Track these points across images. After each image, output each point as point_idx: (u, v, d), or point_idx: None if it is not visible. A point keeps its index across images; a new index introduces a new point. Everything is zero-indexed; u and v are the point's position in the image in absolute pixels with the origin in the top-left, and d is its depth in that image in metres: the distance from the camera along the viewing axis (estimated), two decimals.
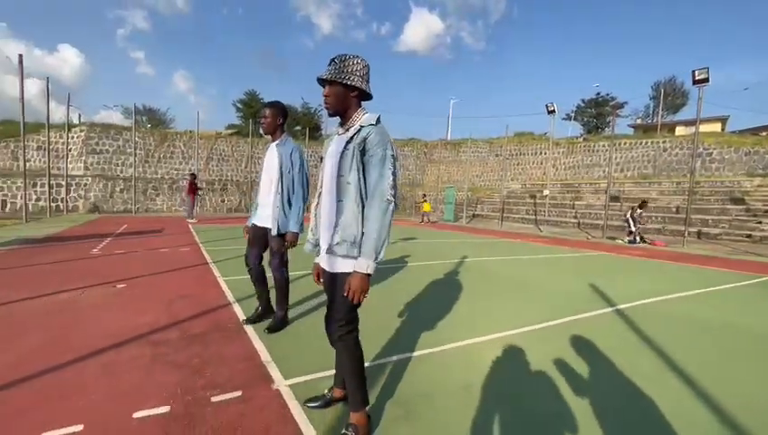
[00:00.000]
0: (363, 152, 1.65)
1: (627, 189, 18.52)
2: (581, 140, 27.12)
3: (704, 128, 20.66)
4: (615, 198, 16.94)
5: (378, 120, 1.71)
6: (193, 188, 14.20)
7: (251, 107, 32.49)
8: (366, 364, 2.52)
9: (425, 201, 19.36)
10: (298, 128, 33.22)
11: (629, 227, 11.74)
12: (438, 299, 4.36)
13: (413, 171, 30.67)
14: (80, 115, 24.27)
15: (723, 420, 2.08)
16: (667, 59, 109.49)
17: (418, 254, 8.05)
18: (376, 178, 1.64)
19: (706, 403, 2.24)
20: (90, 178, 18.56)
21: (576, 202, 18.73)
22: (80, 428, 1.82)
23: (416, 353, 2.80)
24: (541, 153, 26.38)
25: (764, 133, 25.13)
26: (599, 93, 34.60)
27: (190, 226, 12.46)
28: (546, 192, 16.86)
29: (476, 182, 28.02)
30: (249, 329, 3.16)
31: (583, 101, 35.37)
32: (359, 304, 1.69)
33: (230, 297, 4.11)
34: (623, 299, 4.61)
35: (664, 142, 21.77)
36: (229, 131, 32.46)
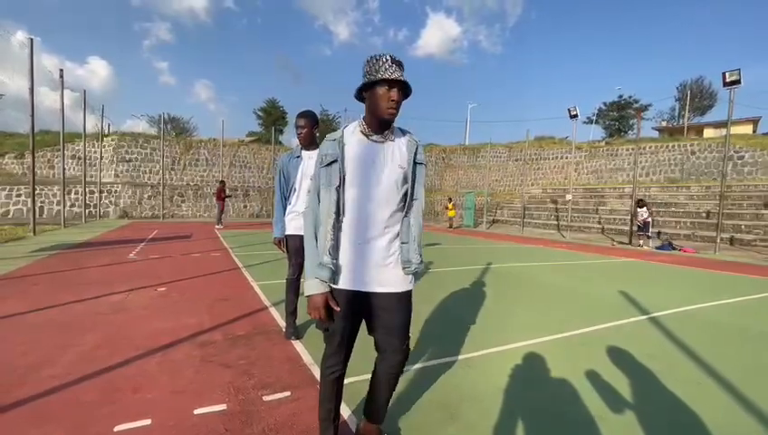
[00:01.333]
0: (415, 164, 1.63)
1: (653, 194, 18.07)
2: (603, 143, 26.61)
3: (734, 130, 19.97)
4: (642, 203, 16.53)
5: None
6: (222, 195, 14.54)
7: (271, 114, 33.25)
8: (410, 368, 2.61)
9: (452, 207, 19.42)
10: (317, 134, 33.73)
11: (645, 232, 11.84)
12: (471, 305, 4.40)
13: (432, 176, 30.66)
14: (109, 125, 25.34)
15: (758, 417, 2.06)
16: (690, 61, 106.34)
17: (446, 259, 8.08)
18: (420, 191, 1.66)
19: (750, 412, 2.23)
20: (120, 186, 19.32)
21: (600, 207, 18.37)
22: (148, 422, 1.95)
23: (456, 358, 2.86)
24: (562, 157, 25.99)
25: None
26: (621, 96, 33.93)
27: (217, 231, 12.82)
28: (569, 197, 16.60)
29: (496, 187, 27.80)
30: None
31: (605, 104, 34.74)
32: None
33: (266, 301, 4.26)
34: (657, 307, 4.54)
35: (692, 145, 21.15)
36: (250, 138, 33.23)
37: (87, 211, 16.51)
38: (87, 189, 16.69)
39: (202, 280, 5.30)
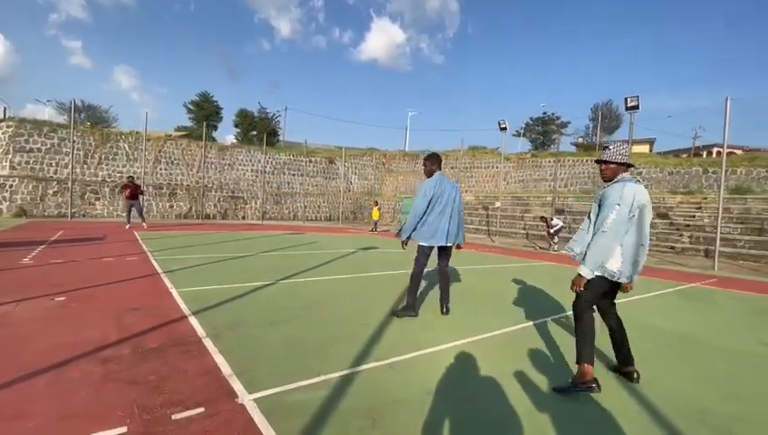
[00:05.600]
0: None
1: (569, 203, 19.93)
2: (530, 155, 28.81)
3: (635, 149, 22.75)
4: (560, 211, 18.19)
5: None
6: (133, 193, 13.06)
7: (203, 109, 31.23)
8: (333, 376, 2.58)
9: (376, 208, 19.57)
10: (254, 133, 32.39)
11: (555, 236, 13.21)
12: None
13: (372, 181, 30.92)
14: (5, 109, 22.00)
15: (651, 412, 2.35)
16: (605, 84, 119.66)
17: (378, 264, 8.15)
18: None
19: (628, 391, 2.52)
20: (17, 179, 16.87)
21: (525, 214, 19.82)
22: None
23: (381, 363, 2.88)
24: (493, 167, 27.67)
25: (684, 155, 28.17)
26: (545, 112, 37.03)
27: (136, 233, 11.71)
28: (498, 204, 17.72)
29: None
30: (209, 343, 3.08)
31: (531, 118, 37.64)
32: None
33: (185, 310, 3.96)
34: (568, 307, 4.99)
35: None
36: (179, 133, 30.93)
37: None
38: None
39: (112, 288, 4.79)
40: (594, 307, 2.78)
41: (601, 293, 2.77)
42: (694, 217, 15.11)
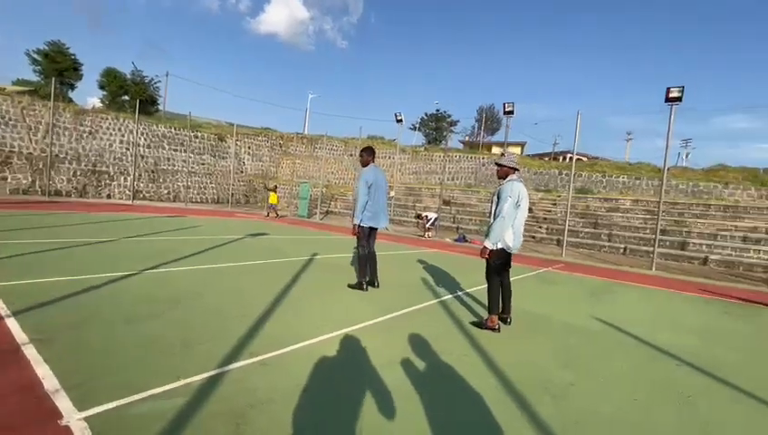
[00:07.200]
0: None
1: (456, 195, 21.74)
2: (423, 149, 30.53)
3: (511, 150, 25.74)
4: (447, 202, 19.71)
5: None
6: None
7: (56, 61, 25.54)
8: (196, 379, 2.28)
9: (273, 192, 18.72)
10: (126, 98, 27.79)
11: (432, 226, 14.69)
12: (279, 300, 4.26)
13: (267, 163, 29.27)
14: None
15: (506, 386, 2.63)
16: (491, 87, 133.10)
17: (266, 251, 7.72)
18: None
19: (489, 366, 2.81)
20: None
21: (417, 204, 20.99)
22: None
23: (253, 360, 2.67)
24: (389, 157, 28.59)
25: (546, 159, 33.02)
26: (438, 109, 39.56)
27: None
28: (392, 193, 18.38)
29: (332, 179, 28.53)
30: (30, 351, 2.47)
31: (426, 114, 39.85)
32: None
33: (2, 309, 3.14)
34: (449, 290, 5.38)
35: (483, 158, 26.38)
36: (19, 88, 24.88)
37: None
38: None
39: None
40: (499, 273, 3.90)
41: (501, 261, 3.88)
42: (550, 211, 17.82)
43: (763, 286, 8.78)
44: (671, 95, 10.46)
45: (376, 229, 5.05)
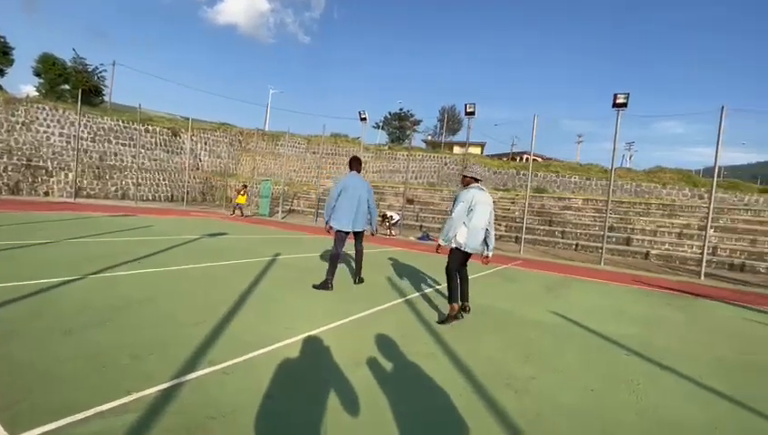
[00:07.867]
0: None
1: (419, 194, 22.01)
2: (387, 148, 30.64)
3: (471, 150, 26.44)
4: (410, 201, 19.90)
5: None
6: None
7: None
8: (149, 392, 2.12)
9: (243, 193, 18.13)
10: (66, 87, 25.68)
11: (394, 225, 15.18)
12: (240, 304, 4.09)
13: (226, 160, 28.17)
14: None
15: (471, 381, 2.67)
16: (454, 88, 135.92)
17: (226, 252, 7.41)
18: None
19: (455, 364, 2.84)
20: None
21: (380, 202, 21.03)
22: None
23: (214, 368, 2.52)
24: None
25: (505, 159, 34.25)
26: (401, 109, 39.88)
27: None
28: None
29: (294, 177, 27.95)
30: None
31: (390, 113, 40.04)
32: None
33: None
34: (415, 288, 5.41)
35: (445, 158, 26.90)
36: None
37: None
38: None
39: None
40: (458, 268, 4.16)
41: (459, 259, 4.15)
42: (509, 209, 18.49)
43: (695, 278, 9.60)
44: (618, 101, 11.18)
45: (357, 232, 5.27)
